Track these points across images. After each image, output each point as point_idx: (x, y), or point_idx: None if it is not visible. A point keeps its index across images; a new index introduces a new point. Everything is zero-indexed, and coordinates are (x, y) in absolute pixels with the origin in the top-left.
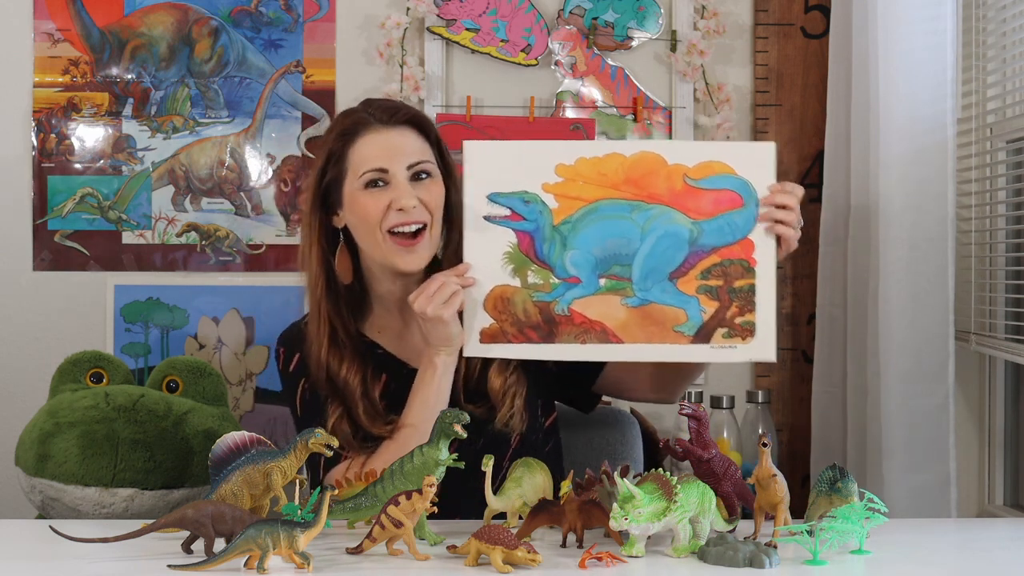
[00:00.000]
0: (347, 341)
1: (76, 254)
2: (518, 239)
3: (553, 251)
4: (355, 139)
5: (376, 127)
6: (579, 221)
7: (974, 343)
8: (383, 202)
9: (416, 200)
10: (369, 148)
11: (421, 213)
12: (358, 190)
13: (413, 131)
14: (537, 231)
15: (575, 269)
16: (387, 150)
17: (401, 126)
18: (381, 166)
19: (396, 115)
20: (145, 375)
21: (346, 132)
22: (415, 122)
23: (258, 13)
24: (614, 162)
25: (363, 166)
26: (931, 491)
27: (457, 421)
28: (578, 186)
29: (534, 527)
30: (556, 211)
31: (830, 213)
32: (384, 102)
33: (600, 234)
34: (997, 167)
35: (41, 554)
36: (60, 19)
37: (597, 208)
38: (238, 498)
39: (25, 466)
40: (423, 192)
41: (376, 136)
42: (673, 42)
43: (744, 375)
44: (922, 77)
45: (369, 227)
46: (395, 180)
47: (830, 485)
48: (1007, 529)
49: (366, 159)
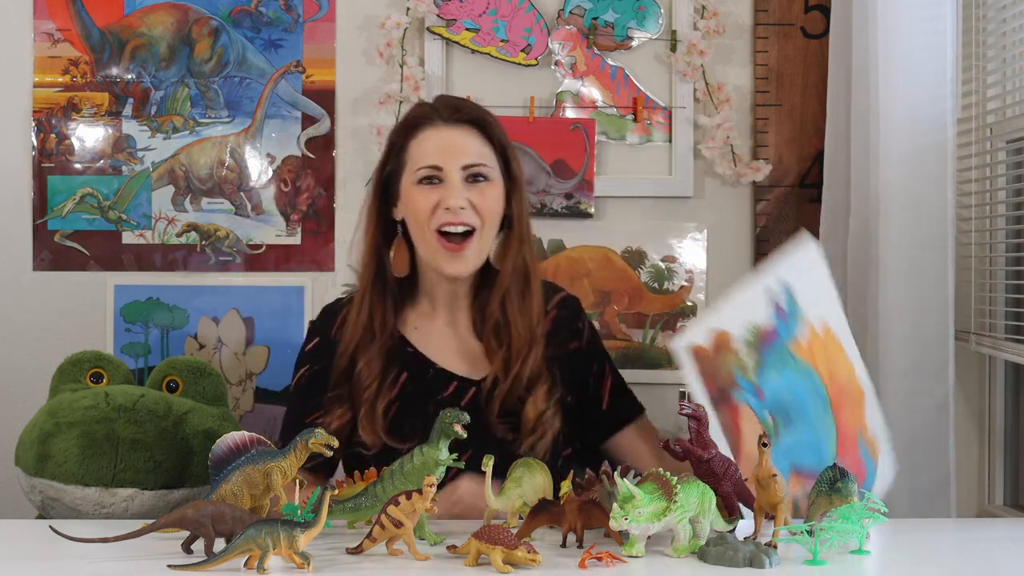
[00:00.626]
0: (380, 333)
1: (76, 254)
2: None
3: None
4: (416, 133)
5: (437, 123)
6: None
7: (974, 343)
8: (433, 200)
9: (465, 201)
10: (427, 144)
11: (470, 216)
12: (412, 184)
13: (475, 131)
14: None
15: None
16: (444, 148)
17: (463, 125)
18: (436, 163)
19: (459, 113)
20: (145, 375)
21: (408, 126)
22: (478, 123)
23: (258, 13)
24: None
25: (420, 162)
26: (931, 491)
27: (457, 421)
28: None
29: (534, 527)
30: None
31: (830, 213)
32: (453, 99)
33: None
34: (997, 167)
35: (41, 554)
36: (60, 19)
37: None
38: (238, 498)
39: (25, 466)
40: (476, 195)
41: (436, 133)
42: (673, 42)
43: None
44: (922, 77)
45: (419, 223)
46: (448, 179)
47: (830, 485)
48: (1007, 529)
49: (423, 155)
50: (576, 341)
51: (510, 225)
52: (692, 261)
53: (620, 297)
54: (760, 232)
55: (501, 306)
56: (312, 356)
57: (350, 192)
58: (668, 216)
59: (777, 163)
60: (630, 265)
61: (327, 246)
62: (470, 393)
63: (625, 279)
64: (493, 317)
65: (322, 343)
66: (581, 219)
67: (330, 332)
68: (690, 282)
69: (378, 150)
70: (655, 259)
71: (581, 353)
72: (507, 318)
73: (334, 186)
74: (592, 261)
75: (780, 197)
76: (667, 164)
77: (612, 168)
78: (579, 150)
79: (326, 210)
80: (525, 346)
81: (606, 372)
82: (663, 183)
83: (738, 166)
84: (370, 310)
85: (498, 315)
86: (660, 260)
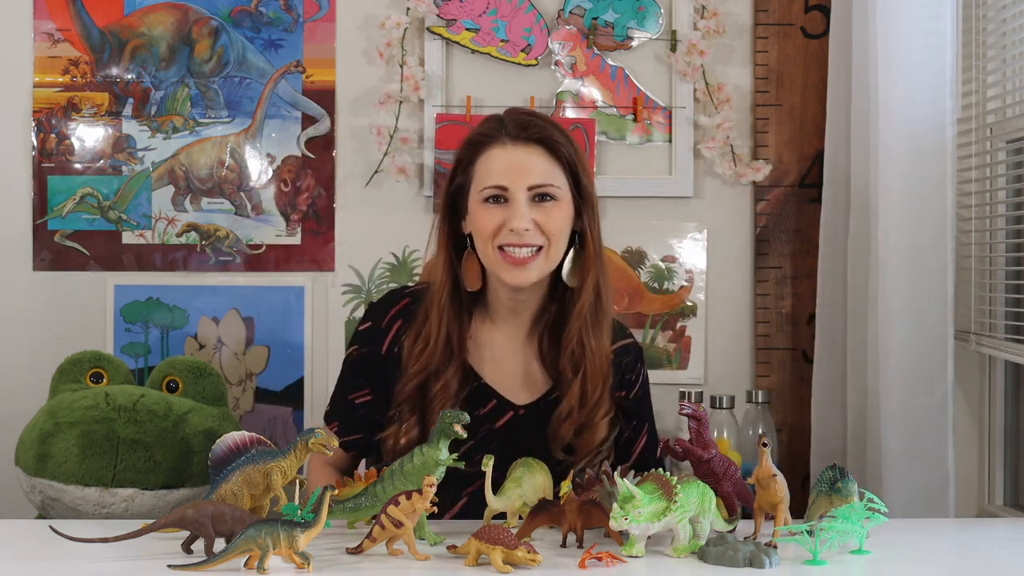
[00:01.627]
0: (458, 352)
1: (76, 254)
2: None
3: None
4: (483, 150)
5: (503, 142)
6: None
7: (974, 343)
8: (498, 219)
9: (530, 223)
10: (494, 163)
11: (535, 236)
12: (478, 202)
13: (543, 151)
14: None
15: None
16: (510, 168)
17: (531, 144)
18: (501, 183)
19: (527, 131)
20: (145, 375)
21: (476, 142)
22: (547, 142)
23: (258, 13)
24: None
25: (485, 180)
26: (930, 491)
27: (457, 421)
28: None
29: (534, 527)
30: None
31: (830, 213)
32: (522, 116)
33: None
34: (997, 167)
35: (41, 554)
36: (60, 19)
37: None
38: (238, 498)
39: (25, 466)
40: (541, 215)
41: (502, 152)
42: (673, 42)
43: (744, 375)
44: (922, 77)
45: (483, 240)
46: (514, 199)
47: (830, 485)
48: (1006, 529)
49: (489, 174)
50: (625, 391)
51: (582, 242)
52: (692, 261)
53: (620, 297)
54: (760, 232)
55: (578, 335)
56: (361, 338)
57: (350, 192)
58: (668, 216)
59: (777, 163)
60: (630, 265)
61: (327, 246)
62: (506, 416)
63: (625, 279)
64: (570, 346)
65: (373, 328)
66: None
67: (382, 320)
68: (690, 282)
69: (378, 150)
70: (655, 259)
71: (626, 405)
72: (583, 347)
73: (334, 186)
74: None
75: (780, 197)
76: (667, 164)
77: (612, 168)
78: None
79: (326, 210)
80: (599, 377)
81: (643, 432)
82: (663, 183)
83: (738, 166)
84: (448, 328)
85: (574, 345)
86: (660, 260)
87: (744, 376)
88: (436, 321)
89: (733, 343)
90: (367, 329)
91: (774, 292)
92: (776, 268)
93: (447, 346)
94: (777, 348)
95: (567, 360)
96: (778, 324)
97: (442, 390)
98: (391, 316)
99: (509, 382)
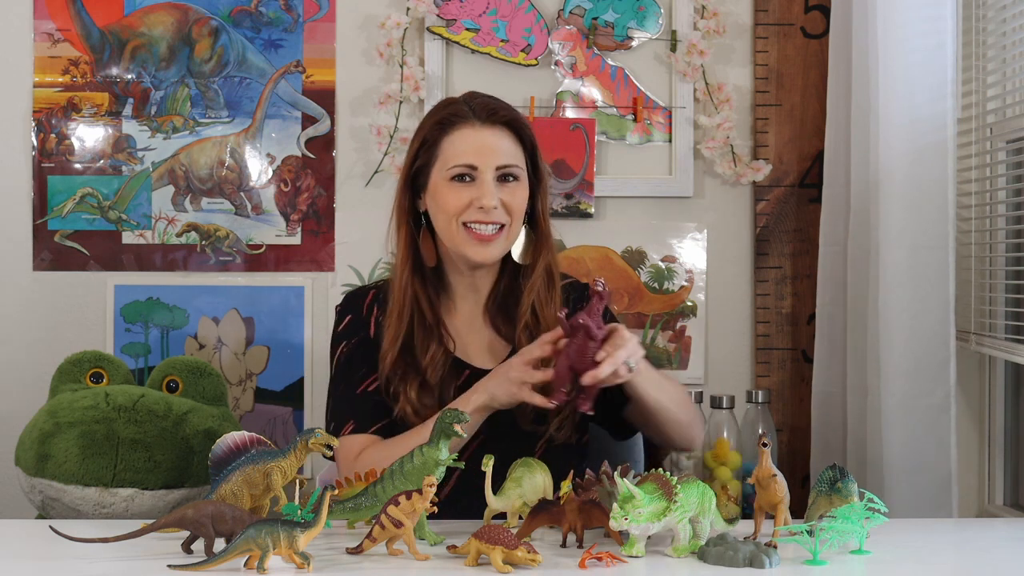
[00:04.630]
0: (434, 326)
1: (76, 254)
2: None
3: None
4: (450, 131)
5: (473, 123)
6: None
7: (974, 343)
8: (465, 198)
9: (498, 202)
10: (463, 143)
11: (501, 215)
12: (444, 180)
13: (509, 133)
14: None
15: None
16: (480, 148)
17: (498, 127)
18: (471, 163)
19: (495, 115)
20: (145, 375)
21: (443, 122)
22: (513, 125)
23: (258, 13)
24: None
25: (454, 159)
26: (931, 491)
27: (457, 421)
28: None
29: (534, 527)
30: None
31: (830, 213)
32: (487, 100)
33: None
34: (997, 167)
35: (41, 554)
36: (60, 19)
37: None
38: (238, 498)
39: (25, 466)
40: (507, 194)
41: (471, 132)
42: (673, 42)
43: (744, 375)
44: (922, 77)
45: (446, 217)
46: (482, 178)
47: (830, 485)
48: (1007, 529)
49: (458, 153)
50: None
51: (533, 223)
52: (692, 261)
53: (620, 297)
54: (760, 232)
55: (531, 307)
56: (347, 332)
57: (350, 192)
58: (668, 216)
59: (777, 163)
60: (630, 265)
61: (327, 246)
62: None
63: (625, 279)
64: (524, 318)
65: (355, 319)
66: (581, 219)
67: (360, 311)
68: (690, 282)
69: (378, 150)
70: (655, 259)
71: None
72: (538, 318)
73: (334, 186)
74: (592, 261)
75: (780, 197)
76: (667, 164)
77: (612, 168)
78: (579, 150)
79: (326, 210)
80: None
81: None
82: (663, 183)
83: (738, 166)
84: (415, 296)
85: (528, 316)
86: (660, 260)
87: (744, 376)
88: (401, 293)
89: (733, 343)
90: (349, 322)
91: (774, 292)
92: (776, 268)
93: (419, 313)
94: (777, 348)
95: (522, 330)
96: (778, 324)
97: (422, 351)
98: (367, 305)
99: (479, 355)
